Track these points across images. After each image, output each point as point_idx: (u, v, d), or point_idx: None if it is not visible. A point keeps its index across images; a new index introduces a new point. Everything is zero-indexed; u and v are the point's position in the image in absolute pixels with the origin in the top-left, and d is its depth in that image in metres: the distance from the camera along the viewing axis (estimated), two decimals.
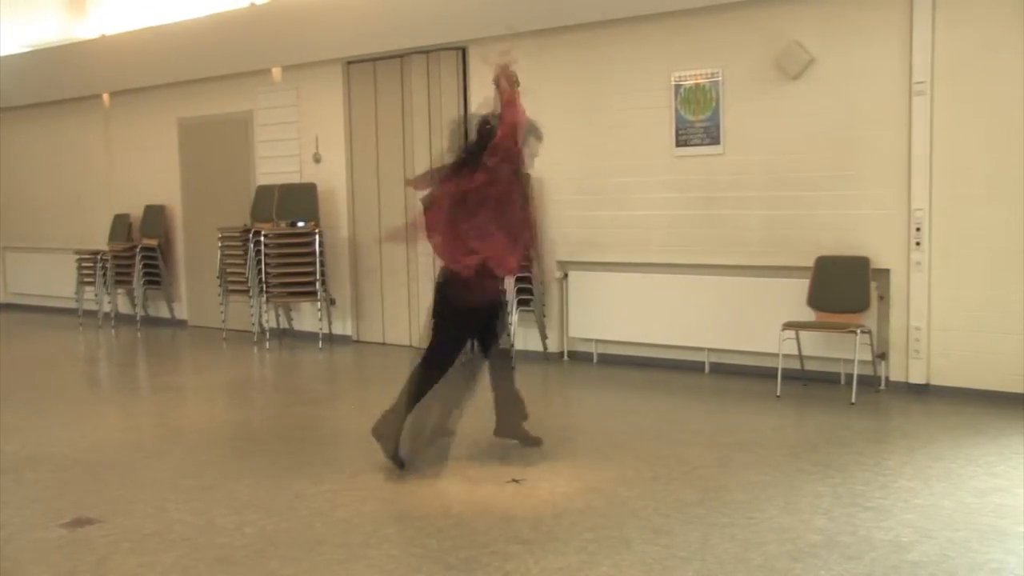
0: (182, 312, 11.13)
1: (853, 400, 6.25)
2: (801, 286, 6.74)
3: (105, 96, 11.12)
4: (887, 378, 6.61)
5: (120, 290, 11.21)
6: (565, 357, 8.17)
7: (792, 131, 6.90)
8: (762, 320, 6.80)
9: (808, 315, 6.66)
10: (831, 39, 6.70)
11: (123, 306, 11.29)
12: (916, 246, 6.41)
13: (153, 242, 10.91)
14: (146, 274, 10.87)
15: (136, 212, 11.18)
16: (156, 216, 11.04)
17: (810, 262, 6.74)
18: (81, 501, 4.71)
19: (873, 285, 6.51)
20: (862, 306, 6.49)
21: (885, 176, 6.54)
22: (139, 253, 10.77)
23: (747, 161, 7.12)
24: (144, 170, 11.27)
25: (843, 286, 6.57)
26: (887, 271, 6.55)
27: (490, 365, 5.30)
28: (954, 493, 4.50)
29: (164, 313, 11.22)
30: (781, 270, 6.94)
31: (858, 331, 6.28)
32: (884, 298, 6.55)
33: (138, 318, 10.90)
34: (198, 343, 10.04)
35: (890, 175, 6.51)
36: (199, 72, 10.18)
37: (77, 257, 11.21)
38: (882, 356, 6.58)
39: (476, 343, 5.23)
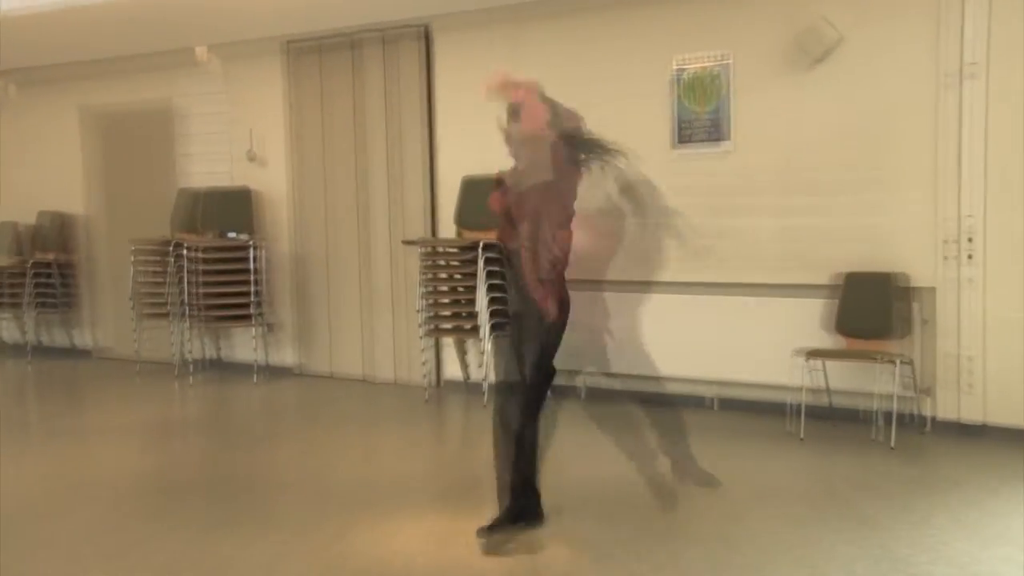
0: (85, 340, 11.02)
1: (892, 443, 6.27)
2: (826, 308, 6.78)
3: None
4: (933, 417, 6.64)
5: (6, 314, 11.04)
6: (548, 392, 8.12)
7: (815, 125, 6.96)
8: (780, 348, 6.81)
9: (835, 342, 6.70)
10: (864, 14, 6.77)
11: (9, 334, 11.10)
12: (968, 260, 6.47)
13: (49, 256, 10.80)
14: (39, 295, 10.74)
15: (27, 220, 11.08)
16: (53, 225, 10.94)
17: (838, 280, 6.78)
18: None
19: (915, 307, 6.56)
20: (901, 332, 6.53)
21: (928, 177, 6.59)
22: (31, 270, 10.65)
23: (761, 160, 7.17)
24: (37, 169, 11.17)
25: (877, 308, 6.61)
26: (931, 290, 6.59)
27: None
28: (1016, 557, 4.50)
29: (62, 342, 11.09)
30: (801, 289, 6.96)
31: (897, 361, 6.30)
32: (928, 322, 6.59)
33: (29, 348, 10.76)
34: (105, 377, 9.90)
35: (934, 176, 6.57)
36: (106, 51, 10.10)
37: None
38: (926, 391, 6.62)
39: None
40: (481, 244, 7.85)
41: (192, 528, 5.16)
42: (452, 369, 8.60)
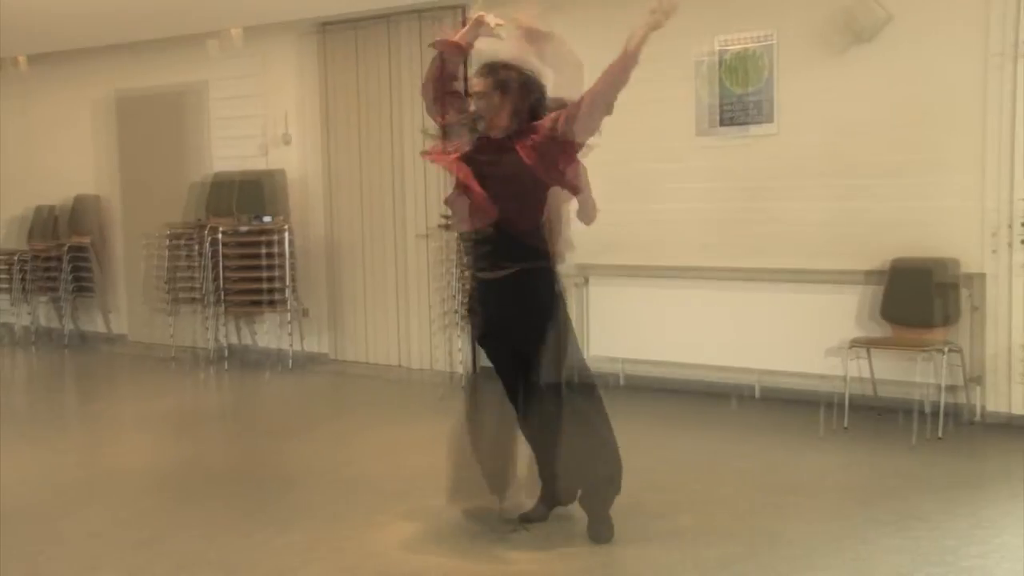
0: (120, 325, 11.09)
1: (939, 434, 6.19)
2: (872, 295, 6.70)
3: (21, 59, 11.08)
4: (983, 408, 6.54)
5: (42, 299, 11.15)
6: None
7: (862, 106, 6.85)
8: (824, 336, 6.75)
9: (881, 330, 6.61)
10: None
11: (46, 318, 11.23)
12: (1021, 244, 6.34)
13: (85, 240, 10.87)
14: (76, 279, 10.83)
15: (63, 204, 11.15)
16: (88, 209, 11.01)
17: (884, 266, 6.70)
18: None
19: (964, 293, 6.46)
20: (949, 319, 6.43)
21: (979, 159, 6.47)
22: (67, 254, 10.73)
23: (806, 143, 7.08)
24: (73, 153, 11.24)
25: (925, 294, 6.51)
26: (982, 276, 6.49)
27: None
28: None
29: (98, 327, 11.18)
30: (847, 275, 6.88)
31: (945, 349, 6.22)
32: (978, 309, 6.49)
33: (65, 332, 10.86)
34: (139, 363, 9.99)
35: (986, 157, 6.45)
36: (141, 33, 10.13)
37: None
38: (976, 380, 6.52)
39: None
40: None
41: (223, 516, 5.18)
42: None
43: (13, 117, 11.77)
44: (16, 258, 10.95)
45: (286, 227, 9.27)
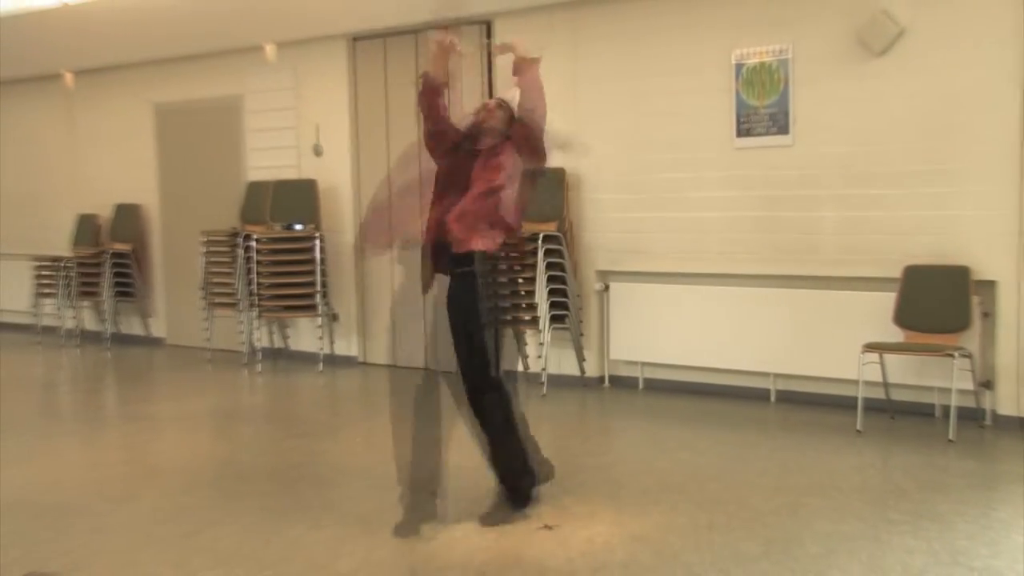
0: (159, 329, 11.17)
1: (951, 437, 6.15)
2: (886, 301, 6.66)
3: (68, 75, 11.18)
4: (994, 411, 6.51)
5: (86, 303, 11.25)
6: (606, 383, 8.10)
7: (876, 118, 6.83)
8: (839, 341, 6.74)
9: (894, 335, 6.57)
10: (926, 6, 6.61)
11: (89, 321, 11.34)
12: None
13: (125, 247, 10.95)
14: (117, 284, 10.91)
15: (105, 212, 11.25)
16: (129, 217, 11.09)
17: (897, 273, 6.66)
18: (35, 553, 4.67)
19: (975, 300, 6.42)
20: (961, 324, 6.39)
21: (992, 169, 6.43)
22: (108, 260, 10.81)
23: (821, 154, 7.05)
24: (115, 163, 11.34)
25: (937, 301, 6.49)
26: (993, 283, 6.45)
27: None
28: None
29: (138, 330, 11.26)
30: (862, 282, 6.87)
31: (956, 354, 6.18)
32: (989, 315, 6.46)
33: (107, 335, 10.93)
34: (177, 365, 10.04)
35: (998, 168, 6.41)
36: (180, 49, 10.20)
37: (35, 264, 11.27)
38: (987, 385, 6.49)
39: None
40: (541, 236, 7.80)
41: (259, 512, 5.20)
42: (510, 361, 8.54)
43: (59, 130, 11.89)
44: (62, 264, 11.04)
45: (317, 234, 9.31)
